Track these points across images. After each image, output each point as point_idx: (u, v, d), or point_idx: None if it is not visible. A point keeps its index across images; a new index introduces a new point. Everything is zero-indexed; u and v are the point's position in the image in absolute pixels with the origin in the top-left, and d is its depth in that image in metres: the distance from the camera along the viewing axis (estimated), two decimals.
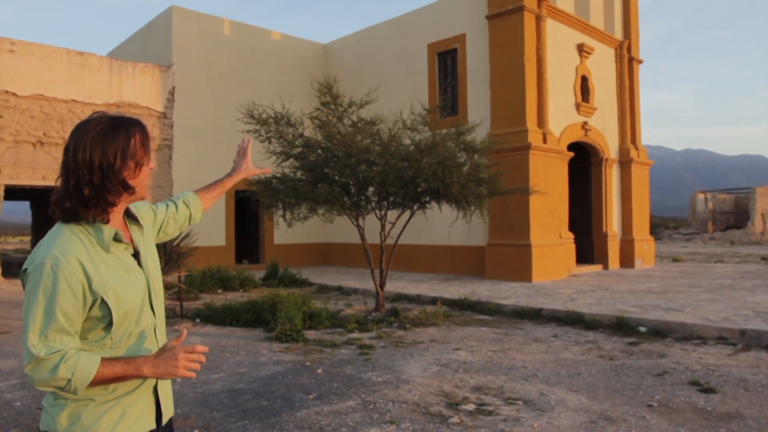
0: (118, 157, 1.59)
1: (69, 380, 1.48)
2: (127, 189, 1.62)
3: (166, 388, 1.81)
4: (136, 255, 1.73)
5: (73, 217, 1.58)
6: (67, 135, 14.28)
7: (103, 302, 1.56)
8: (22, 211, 37.94)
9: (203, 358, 1.64)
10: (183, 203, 2.08)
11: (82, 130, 1.60)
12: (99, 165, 1.56)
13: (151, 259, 1.79)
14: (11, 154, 13.77)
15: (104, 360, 1.54)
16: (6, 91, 13.67)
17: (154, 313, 1.73)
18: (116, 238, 1.65)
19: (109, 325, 1.59)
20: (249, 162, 2.24)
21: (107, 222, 1.61)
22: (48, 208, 1.68)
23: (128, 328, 1.65)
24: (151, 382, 1.71)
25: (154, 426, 1.72)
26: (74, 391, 1.51)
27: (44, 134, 14.12)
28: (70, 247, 1.54)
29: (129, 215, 1.76)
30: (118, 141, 1.60)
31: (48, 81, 14.22)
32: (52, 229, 1.62)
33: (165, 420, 1.78)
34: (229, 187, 2.23)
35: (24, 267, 1.56)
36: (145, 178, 1.68)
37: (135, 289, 1.65)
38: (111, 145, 1.58)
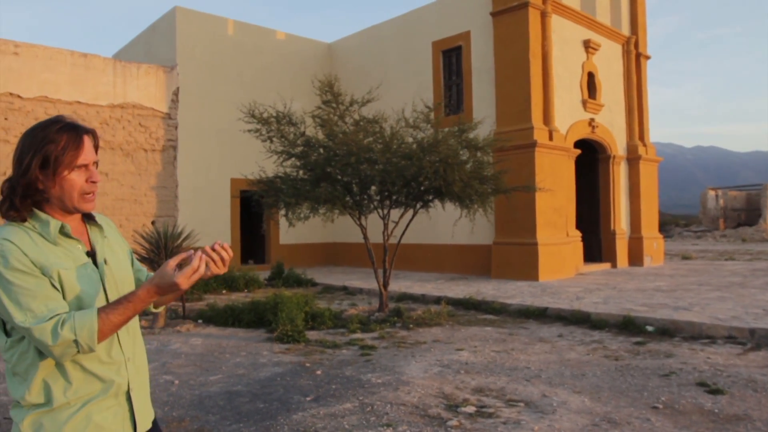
0: (32, 160, 1.55)
1: (76, 341, 1.47)
2: (30, 194, 1.56)
3: (142, 396, 1.73)
4: (91, 255, 1.67)
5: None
6: None
7: (52, 284, 1.53)
8: None
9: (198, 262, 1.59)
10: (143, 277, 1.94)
11: (26, 131, 1.62)
12: (18, 165, 1.56)
13: (116, 265, 1.73)
14: None
15: (101, 308, 1.51)
16: (10, 94, 13.69)
17: None
18: (64, 233, 1.61)
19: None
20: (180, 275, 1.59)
21: (24, 220, 1.58)
22: None
23: None
24: (123, 387, 1.64)
25: None
26: (91, 349, 1.50)
27: None
28: (10, 233, 1.54)
29: (90, 219, 1.74)
30: (36, 143, 1.56)
31: (52, 83, 14.22)
32: None
33: (141, 431, 1.70)
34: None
35: None
36: (70, 187, 1.59)
37: (86, 281, 1.60)
38: (30, 148, 1.56)
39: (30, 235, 1.55)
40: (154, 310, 1.91)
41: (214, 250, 1.62)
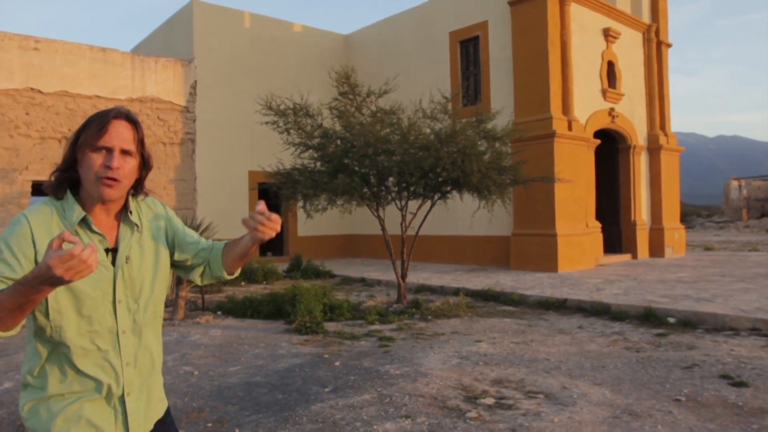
0: (72, 138, 1.64)
1: None
2: (66, 169, 1.62)
3: (142, 401, 1.68)
4: (112, 251, 1.64)
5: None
6: None
7: None
8: None
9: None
10: (204, 249, 1.85)
11: None
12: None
13: (139, 265, 1.68)
14: (38, 151, 13.97)
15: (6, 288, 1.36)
16: (31, 89, 13.85)
17: (116, 319, 1.61)
18: (87, 223, 1.60)
19: (47, 309, 1.54)
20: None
21: (60, 199, 1.62)
22: None
23: (76, 321, 1.56)
24: (116, 392, 1.60)
25: None
26: None
27: (69, 130, 14.28)
28: (34, 211, 1.58)
29: (126, 216, 1.70)
30: (80, 129, 1.64)
31: (72, 77, 14.36)
32: None
33: None
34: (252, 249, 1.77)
35: None
36: (88, 167, 1.59)
37: (89, 278, 1.54)
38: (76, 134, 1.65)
39: (52, 217, 1.58)
40: (228, 277, 1.82)
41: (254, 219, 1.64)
